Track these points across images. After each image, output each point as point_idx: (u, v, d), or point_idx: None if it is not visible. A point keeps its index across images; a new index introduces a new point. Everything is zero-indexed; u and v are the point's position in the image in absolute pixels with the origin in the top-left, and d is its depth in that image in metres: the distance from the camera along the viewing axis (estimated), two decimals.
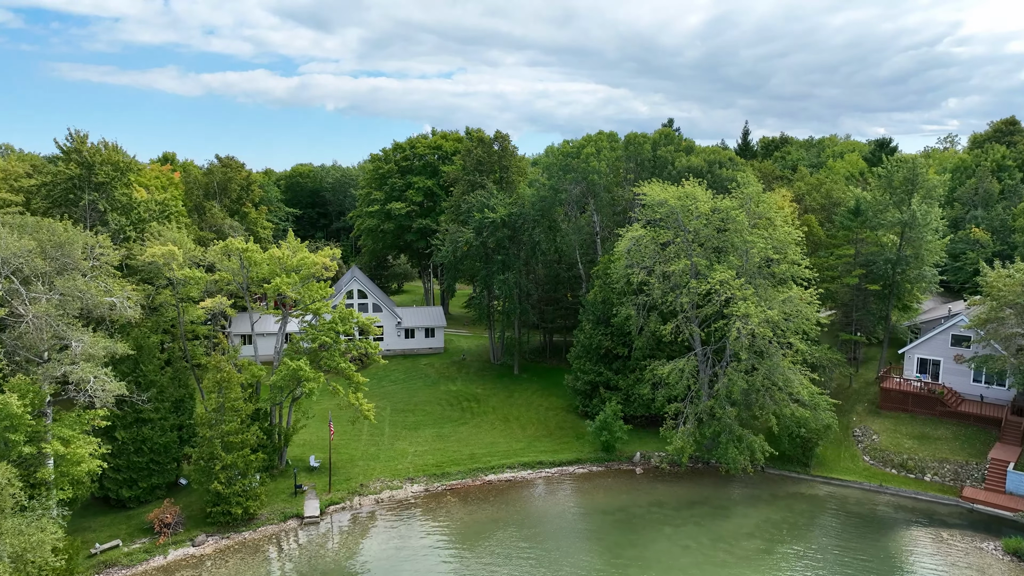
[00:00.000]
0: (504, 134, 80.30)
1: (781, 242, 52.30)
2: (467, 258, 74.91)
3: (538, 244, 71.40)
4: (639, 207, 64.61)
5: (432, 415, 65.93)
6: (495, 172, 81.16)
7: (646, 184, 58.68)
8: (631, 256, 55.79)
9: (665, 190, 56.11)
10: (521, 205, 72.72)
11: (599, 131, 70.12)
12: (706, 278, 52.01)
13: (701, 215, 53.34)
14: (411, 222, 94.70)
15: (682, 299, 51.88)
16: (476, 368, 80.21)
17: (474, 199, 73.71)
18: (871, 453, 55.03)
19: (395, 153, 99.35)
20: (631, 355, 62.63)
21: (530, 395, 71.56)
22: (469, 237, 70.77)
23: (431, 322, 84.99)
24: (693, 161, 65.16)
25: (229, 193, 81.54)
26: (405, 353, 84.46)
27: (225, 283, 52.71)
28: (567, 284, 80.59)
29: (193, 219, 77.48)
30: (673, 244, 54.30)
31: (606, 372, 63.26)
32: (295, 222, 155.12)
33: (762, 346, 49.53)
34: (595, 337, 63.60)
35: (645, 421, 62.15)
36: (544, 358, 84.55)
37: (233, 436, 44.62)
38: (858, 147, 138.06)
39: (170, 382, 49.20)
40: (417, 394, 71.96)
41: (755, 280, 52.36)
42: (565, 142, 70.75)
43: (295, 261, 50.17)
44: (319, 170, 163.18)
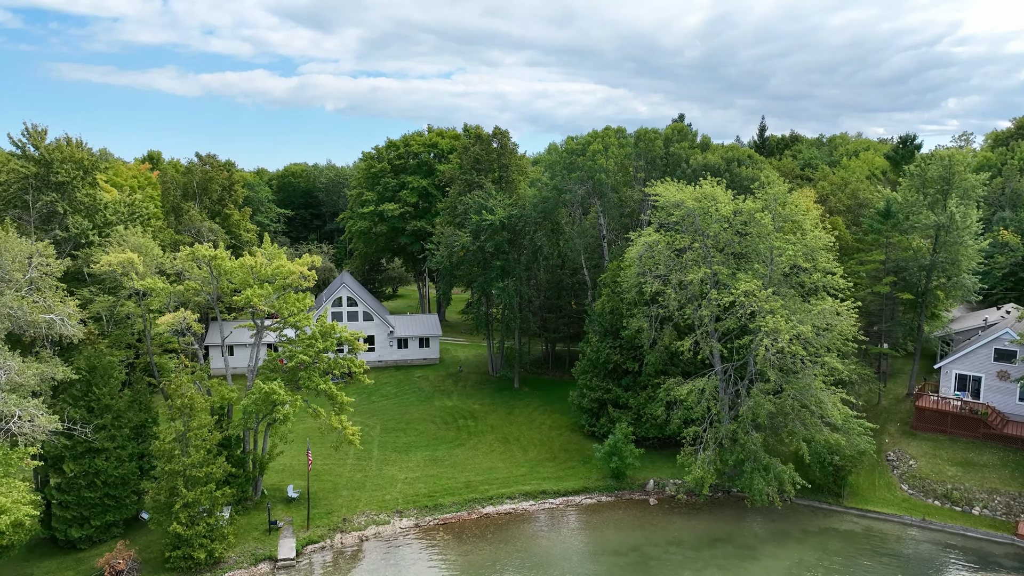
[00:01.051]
0: (503, 130, 75.01)
1: (811, 248, 47.00)
2: (463, 263, 69.65)
3: (540, 249, 66.15)
4: (651, 209, 59.42)
5: (425, 435, 60.62)
6: (494, 171, 75.90)
7: (659, 184, 53.44)
8: (643, 263, 50.52)
9: (681, 190, 50.87)
10: (522, 206, 67.50)
11: (606, 126, 64.95)
12: (728, 288, 46.74)
13: (722, 218, 48.04)
14: (405, 224, 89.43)
15: (702, 312, 46.59)
16: (473, 381, 74.92)
17: (471, 200, 68.48)
18: (909, 481, 49.74)
19: (388, 151, 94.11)
20: (642, 371, 57.40)
21: (531, 411, 66.29)
22: (466, 241, 65.52)
23: (426, 331, 79.72)
24: (710, 159, 59.90)
25: (210, 194, 76.23)
26: (398, 364, 79.19)
27: (194, 293, 47.40)
28: (571, 291, 75.35)
29: (170, 222, 72.25)
30: (690, 250, 49.01)
31: (615, 389, 58.02)
32: (287, 223, 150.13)
33: (792, 364, 44.24)
34: (602, 351, 58.34)
35: (658, 443, 56.89)
36: (546, 369, 79.29)
37: (196, 470, 39.29)
38: (872, 145, 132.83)
39: (129, 406, 43.94)
40: (409, 411, 66.67)
41: (781, 290, 47.12)
42: (569, 138, 65.55)
43: (270, 270, 44.87)
44: (312, 170, 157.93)
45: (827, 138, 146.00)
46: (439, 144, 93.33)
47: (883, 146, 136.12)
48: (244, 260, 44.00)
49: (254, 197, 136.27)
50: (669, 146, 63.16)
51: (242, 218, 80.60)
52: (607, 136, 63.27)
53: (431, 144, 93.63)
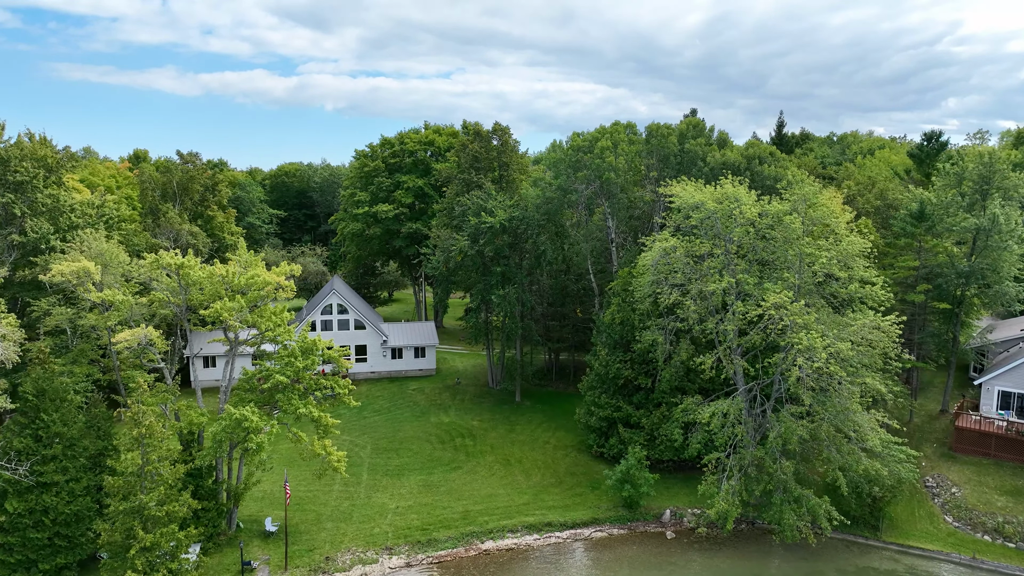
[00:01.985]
0: (504, 126, 70.32)
1: (846, 254, 42.26)
2: (461, 269, 64.88)
3: (543, 253, 61.37)
4: (665, 211, 54.75)
5: (419, 456, 55.85)
6: (493, 170, 71.17)
7: (674, 183, 48.75)
8: (658, 271, 45.80)
9: (700, 190, 46.21)
10: (523, 208, 62.76)
11: (615, 122, 60.23)
12: (754, 300, 42.02)
13: (746, 221, 43.32)
14: (400, 226, 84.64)
15: (725, 326, 41.82)
16: (472, 394, 70.14)
17: (469, 201, 63.73)
18: (954, 512, 45.01)
19: (383, 149, 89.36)
20: (655, 387, 52.73)
21: (534, 428, 61.54)
22: (463, 245, 60.76)
23: (421, 340, 74.95)
24: (729, 156, 55.12)
25: (191, 194, 71.43)
26: (392, 376, 74.43)
27: (161, 305, 42.64)
28: (576, 298, 70.61)
29: (147, 224, 67.48)
30: (711, 257, 44.27)
31: (625, 407, 53.32)
32: (280, 225, 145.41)
33: (828, 385, 39.51)
34: (612, 365, 53.62)
35: (673, 466, 52.21)
36: (550, 381, 74.53)
37: (156, 508, 34.54)
38: (887, 143, 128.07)
39: (84, 432, 39.17)
40: (403, 428, 61.90)
41: (812, 301, 42.41)
42: (575, 135, 60.80)
43: (242, 280, 40.10)
44: (306, 169, 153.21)
45: (838, 136, 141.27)
46: (436, 142, 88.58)
47: (898, 144, 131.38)
48: (214, 269, 39.21)
49: (245, 198, 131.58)
50: (684, 143, 58.41)
51: (226, 220, 75.80)
52: (616, 132, 58.51)
53: (427, 142, 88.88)
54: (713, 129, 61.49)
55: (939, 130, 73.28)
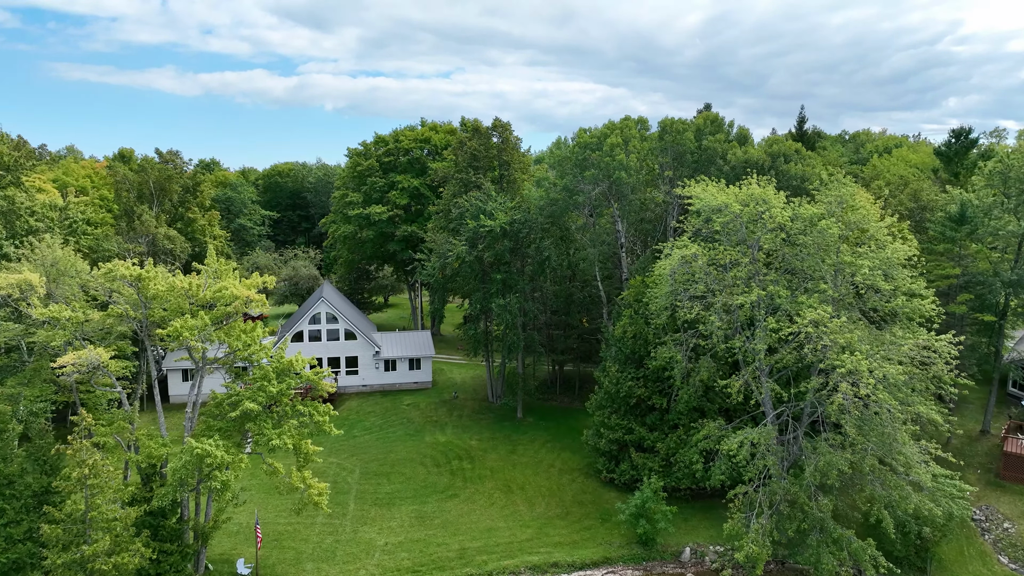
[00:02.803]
0: (504, 122, 65.57)
1: (888, 263, 37.48)
2: (458, 276, 60.13)
3: (547, 259, 56.61)
4: (682, 214, 50.07)
5: (413, 482, 51.08)
6: (493, 169, 66.42)
7: (692, 183, 44.00)
8: (676, 281, 41.03)
9: (723, 191, 41.44)
10: (525, 210, 58.04)
11: (625, 116, 55.33)
12: (787, 314, 37.28)
13: (776, 226, 38.55)
14: (394, 229, 79.90)
15: (755, 345, 37.00)
16: (471, 410, 65.38)
17: (467, 203, 58.99)
18: (1009, 551, 40.24)
19: (377, 147, 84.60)
20: (671, 407, 48.01)
21: (538, 449, 56.79)
22: (460, 251, 56.00)
23: (416, 351, 70.19)
24: (752, 154, 50.34)
25: (169, 195, 66.70)
26: (385, 389, 69.68)
27: (119, 321, 37.85)
28: (582, 306, 65.84)
29: (120, 228, 62.77)
30: (737, 265, 39.46)
31: (638, 429, 48.60)
32: (272, 226, 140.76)
33: (873, 414, 34.73)
34: (623, 383, 48.86)
35: (692, 495, 47.51)
36: (553, 395, 69.75)
37: (102, 561, 29.82)
38: (903, 142, 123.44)
39: (27, 466, 34.41)
40: (395, 448, 57.12)
41: (850, 316, 37.66)
42: (581, 131, 56.00)
43: (209, 294, 35.31)
44: (300, 168, 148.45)
45: (849, 135, 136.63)
46: (432, 139, 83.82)
47: (913, 142, 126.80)
48: (176, 281, 34.37)
49: (236, 198, 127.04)
50: (701, 139, 53.61)
51: (208, 223, 71.05)
52: (627, 128, 53.72)
53: (424, 139, 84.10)
54: (732, 124, 56.73)
55: (968, 126, 68.43)
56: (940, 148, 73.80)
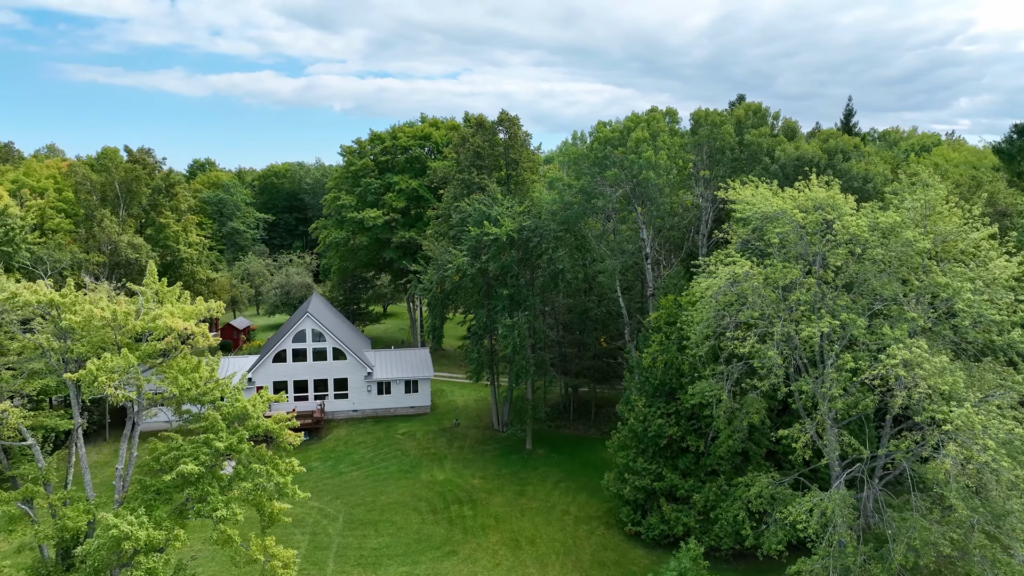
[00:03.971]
0: (512, 116, 58.19)
1: (993, 285, 29.97)
2: (459, 290, 52.81)
3: (561, 272, 49.22)
4: (720, 221, 42.60)
5: (404, 533, 43.72)
6: (499, 169, 59.08)
7: (736, 185, 36.55)
8: (720, 303, 33.52)
9: (777, 195, 33.92)
10: (536, 215, 50.73)
11: (652, 107, 47.83)
12: (865, 349, 29.76)
13: (850, 238, 31.03)
14: (390, 235, 72.65)
15: (828, 389, 29.44)
16: (473, 440, 58.02)
17: (470, 206, 51.67)
18: None
19: (372, 145, 77.36)
20: (709, 449, 40.51)
21: (550, 490, 49.39)
22: (461, 262, 48.65)
23: (413, 372, 62.89)
24: (806, 150, 42.70)
25: (137, 197, 59.59)
26: (378, 415, 62.41)
27: (38, 355, 30.62)
28: (599, 323, 58.40)
29: (80, 235, 55.71)
30: (800, 287, 31.91)
31: (669, 475, 41.09)
32: (268, 229, 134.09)
33: (986, 481, 27.15)
34: (652, 420, 41.40)
35: (734, 555, 39.93)
36: (567, 422, 62.30)
37: None
38: (937, 140, 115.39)
39: None
40: (387, 488, 49.81)
41: (943, 350, 30.08)
42: (601, 124, 48.58)
43: (141, 324, 28.02)
44: (297, 168, 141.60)
45: (879, 132, 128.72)
46: (433, 136, 76.54)
47: (951, 140, 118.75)
48: (94, 309, 27.00)
49: (228, 200, 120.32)
50: (742, 133, 46.09)
51: (183, 229, 63.92)
52: (655, 120, 46.21)
53: (424, 136, 76.83)
54: (778, 116, 49.09)
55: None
56: (1000, 145, 65.89)
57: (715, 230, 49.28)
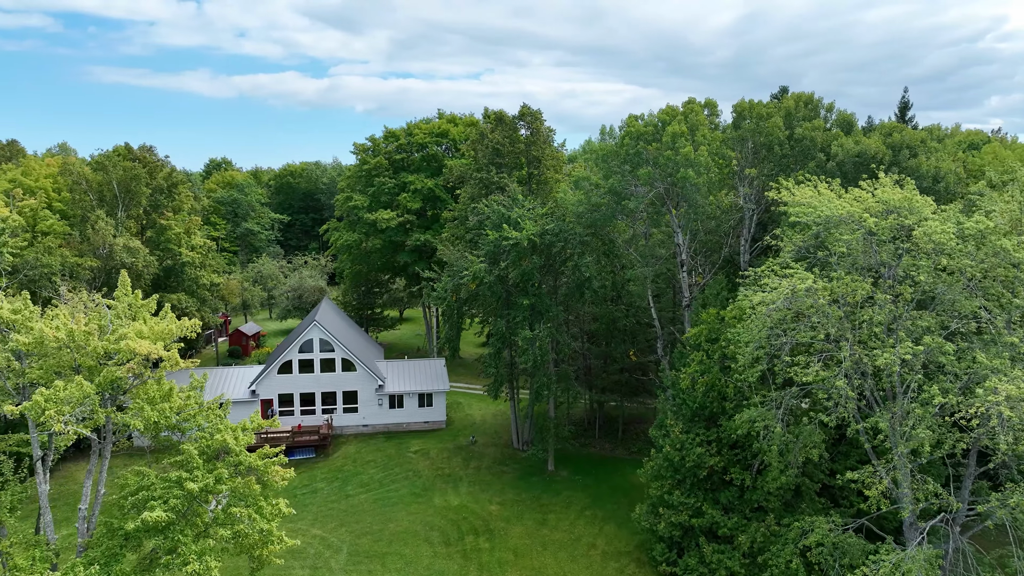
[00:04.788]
0: (534, 110, 53.91)
1: None
2: (476, 299, 48.65)
3: (587, 280, 44.84)
4: (765, 224, 38.03)
5: (414, 569, 39.60)
6: (520, 167, 54.82)
7: (790, 185, 31.95)
8: (774, 320, 28.96)
9: (842, 199, 29.30)
10: (560, 218, 46.39)
11: (689, 99, 43.25)
12: (954, 380, 25.07)
13: (933, 247, 26.32)
14: (405, 237, 68.69)
15: (914, 429, 24.76)
16: (491, 459, 53.82)
17: (488, 208, 47.49)
18: None
19: (387, 143, 73.48)
20: (756, 483, 35.91)
21: (574, 518, 45.03)
22: (478, 269, 44.46)
23: (427, 384, 58.83)
24: (867, 144, 37.90)
25: (137, 198, 56.16)
26: (389, 430, 58.43)
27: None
28: (627, 334, 53.91)
29: (73, 238, 52.39)
30: (873, 305, 27.24)
31: (710, 511, 36.50)
32: (283, 230, 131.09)
33: None
34: (690, 448, 36.87)
35: None
36: (592, 439, 57.88)
37: None
38: (984, 137, 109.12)
39: None
40: (396, 514, 45.76)
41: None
42: (633, 118, 44.08)
43: (104, 345, 24.14)
44: (314, 168, 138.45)
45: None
46: (451, 133, 72.47)
47: (993, 137, 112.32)
48: (44, 330, 23.14)
49: (243, 201, 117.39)
50: (793, 126, 41.39)
51: (185, 231, 60.44)
52: (693, 113, 41.65)
53: (441, 133, 72.79)
54: (832, 108, 44.25)
55: None
56: None
57: (773, 237, 44.75)
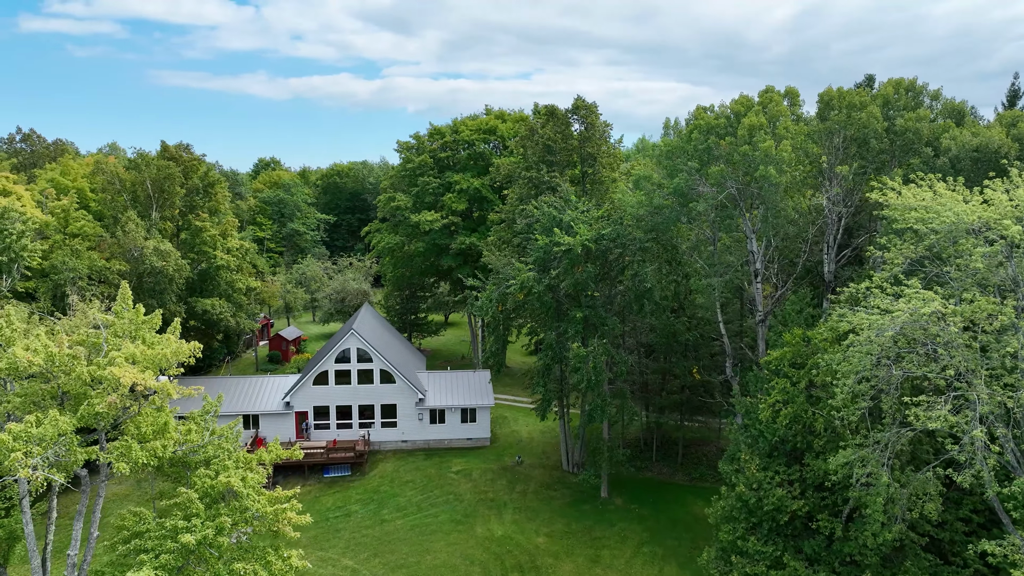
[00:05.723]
0: (589, 103, 49.36)
1: None
2: (524, 309, 44.45)
3: (648, 291, 40.16)
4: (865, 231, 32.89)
5: None
6: (573, 165, 50.41)
7: (897, 185, 26.77)
8: (884, 346, 23.92)
9: (969, 203, 24.06)
10: (617, 221, 41.78)
11: (767, 87, 38.14)
12: None
13: None
14: (449, 240, 64.92)
15: None
16: (539, 483, 49.54)
17: (538, 210, 43.21)
18: None
19: (431, 140, 69.87)
20: (848, 532, 30.73)
21: (630, 556, 40.47)
22: (527, 278, 40.21)
23: (471, 399, 54.91)
24: (987, 136, 32.26)
25: (170, 198, 53.70)
26: (430, 447, 54.70)
27: None
28: (689, 350, 48.97)
29: (104, 240, 50.14)
30: (1019, 332, 22.01)
31: (792, 562, 31.44)
32: (329, 231, 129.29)
33: None
34: (769, 489, 31.91)
35: None
36: (648, 462, 53.08)
37: None
38: None
39: None
40: (434, 544, 41.89)
41: None
42: (701, 109, 39.22)
43: (90, 371, 20.70)
44: (361, 168, 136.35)
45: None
46: (499, 130, 68.43)
47: None
48: (16, 353, 19.77)
49: (289, 201, 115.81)
50: (893, 116, 35.99)
51: (220, 233, 57.82)
52: (772, 102, 36.57)
53: (488, 130, 68.80)
54: (938, 95, 38.54)
55: None
56: None
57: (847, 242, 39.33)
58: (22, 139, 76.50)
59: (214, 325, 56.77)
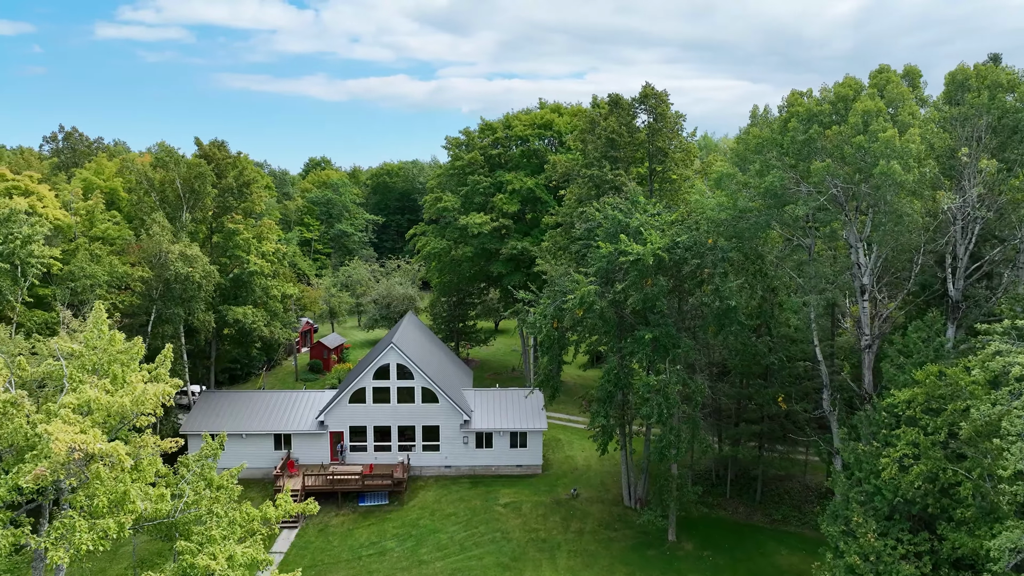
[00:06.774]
0: (659, 91, 43.34)
1: None
2: (583, 327, 38.79)
3: (732, 310, 34.01)
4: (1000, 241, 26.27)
5: None
6: (640, 162, 44.46)
7: None
8: None
9: None
10: (693, 226, 35.75)
11: (881, 65, 31.63)
12: None
13: None
14: (500, 245, 59.63)
15: None
16: (597, 520, 43.80)
17: (600, 213, 37.51)
18: None
19: (482, 136, 64.77)
20: None
21: None
22: (586, 292, 34.56)
23: (521, 422, 49.50)
24: None
25: (202, 198, 49.93)
26: (476, 474, 49.52)
27: None
28: (771, 374, 42.50)
29: (129, 243, 46.61)
30: None
31: None
32: (377, 232, 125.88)
33: None
34: (890, 560, 25.54)
35: None
36: (722, 499, 46.75)
37: None
38: None
39: None
40: None
41: None
42: (796, 94, 32.88)
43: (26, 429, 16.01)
44: (411, 167, 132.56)
45: None
46: (555, 124, 62.83)
47: None
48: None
49: (337, 201, 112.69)
50: None
51: (255, 236, 53.82)
52: (889, 83, 30.09)
53: (543, 124, 63.27)
54: None
55: None
56: None
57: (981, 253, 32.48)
58: (64, 137, 74.89)
59: (248, 334, 53.02)
